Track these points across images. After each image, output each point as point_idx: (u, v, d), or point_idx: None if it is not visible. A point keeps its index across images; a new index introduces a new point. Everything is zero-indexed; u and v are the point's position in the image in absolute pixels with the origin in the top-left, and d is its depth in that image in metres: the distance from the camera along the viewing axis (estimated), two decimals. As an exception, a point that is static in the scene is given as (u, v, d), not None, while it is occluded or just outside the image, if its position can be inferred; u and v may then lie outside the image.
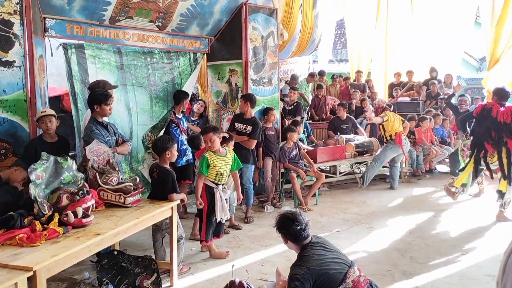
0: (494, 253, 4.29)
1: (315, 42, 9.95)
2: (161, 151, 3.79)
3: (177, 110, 5.50)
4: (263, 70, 6.36)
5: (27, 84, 4.02)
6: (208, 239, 4.29)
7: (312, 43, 9.68)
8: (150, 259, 3.54)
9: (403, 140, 6.91)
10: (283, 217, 2.92)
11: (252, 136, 5.49)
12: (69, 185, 3.02)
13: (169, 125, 5.40)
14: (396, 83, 10.88)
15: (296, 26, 8.80)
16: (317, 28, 9.52)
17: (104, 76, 5.20)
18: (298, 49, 9.55)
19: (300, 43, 9.31)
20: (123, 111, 5.60)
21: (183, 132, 5.45)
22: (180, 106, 5.53)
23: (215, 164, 4.17)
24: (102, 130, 3.81)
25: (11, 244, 2.50)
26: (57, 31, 4.66)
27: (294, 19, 8.66)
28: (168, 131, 5.41)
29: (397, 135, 6.96)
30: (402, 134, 6.96)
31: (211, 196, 4.23)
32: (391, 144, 7.03)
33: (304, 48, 9.65)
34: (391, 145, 7.04)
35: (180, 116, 5.46)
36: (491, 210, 5.76)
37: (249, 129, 5.52)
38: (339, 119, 7.98)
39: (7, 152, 4.00)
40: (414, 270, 4.03)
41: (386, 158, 7.20)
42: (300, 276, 2.66)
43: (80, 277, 3.84)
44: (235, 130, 5.60)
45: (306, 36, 9.29)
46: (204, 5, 5.68)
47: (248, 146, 5.49)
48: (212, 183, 4.23)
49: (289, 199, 6.68)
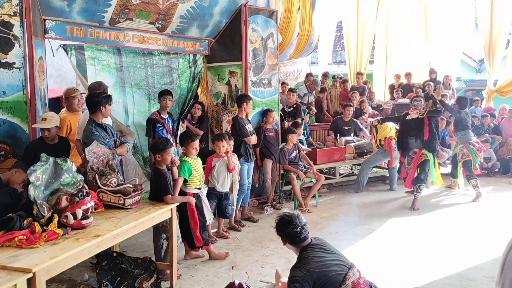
0: (493, 254, 4.30)
1: (313, 44, 9.99)
2: (153, 153, 3.84)
3: (161, 110, 5.30)
4: (263, 71, 6.37)
5: (27, 86, 4.03)
6: (208, 241, 4.29)
7: (309, 45, 9.71)
8: (150, 261, 3.53)
9: (393, 145, 6.94)
10: (280, 220, 2.93)
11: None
12: (68, 186, 3.01)
13: (155, 125, 5.20)
14: (396, 84, 10.89)
15: (295, 30, 8.83)
16: (314, 31, 9.55)
17: (102, 78, 5.21)
18: (295, 52, 9.58)
19: (297, 45, 9.34)
20: (121, 112, 5.61)
21: (169, 132, 5.34)
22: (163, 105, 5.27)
23: (196, 169, 4.15)
24: (101, 131, 3.79)
25: (10, 246, 2.49)
26: (57, 33, 4.67)
27: (293, 23, 8.69)
28: (153, 131, 5.21)
29: (386, 140, 6.99)
30: (393, 139, 6.98)
31: (199, 201, 4.19)
32: (382, 149, 7.10)
33: (301, 50, 9.68)
34: (381, 150, 7.11)
35: (165, 116, 5.29)
36: (490, 211, 5.77)
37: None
38: (343, 119, 7.92)
39: (7, 153, 4.00)
40: (414, 271, 4.03)
41: (376, 162, 7.31)
42: (299, 278, 2.66)
43: (79, 279, 3.83)
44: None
45: (304, 39, 9.31)
46: (204, 7, 5.69)
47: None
48: (196, 189, 4.19)
49: (288, 201, 6.68)
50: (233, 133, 5.46)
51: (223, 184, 4.78)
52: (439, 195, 7.05)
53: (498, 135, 9.34)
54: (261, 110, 6.28)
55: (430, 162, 6.10)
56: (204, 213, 4.23)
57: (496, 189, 7.53)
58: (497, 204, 6.49)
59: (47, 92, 4.87)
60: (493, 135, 9.17)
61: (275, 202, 6.39)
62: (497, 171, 8.83)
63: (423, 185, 6.19)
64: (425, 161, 6.14)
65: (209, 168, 4.76)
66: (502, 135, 9.35)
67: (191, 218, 4.15)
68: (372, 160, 7.23)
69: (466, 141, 6.68)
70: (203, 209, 4.22)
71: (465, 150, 6.73)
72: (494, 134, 9.25)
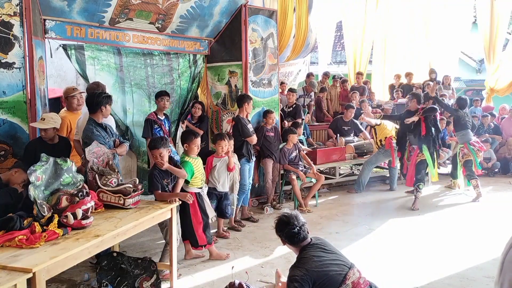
0: (493, 254, 4.30)
1: (310, 46, 10.00)
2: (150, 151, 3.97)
3: (159, 111, 5.27)
4: (263, 71, 6.37)
5: (27, 86, 4.03)
6: (210, 240, 4.30)
7: (306, 47, 9.72)
8: (150, 261, 3.53)
9: (394, 145, 6.95)
10: (279, 220, 2.95)
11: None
12: (68, 186, 3.01)
13: (152, 126, 5.17)
14: (396, 85, 10.88)
15: (291, 31, 8.83)
16: (311, 33, 9.56)
17: (102, 77, 5.21)
18: (292, 53, 9.59)
19: (294, 47, 9.36)
20: (119, 112, 5.60)
21: (166, 134, 5.31)
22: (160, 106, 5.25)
23: (198, 168, 4.18)
24: (101, 131, 3.80)
25: (10, 246, 2.49)
26: (57, 33, 4.67)
27: (289, 24, 8.68)
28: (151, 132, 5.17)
29: (387, 140, 7.00)
30: (393, 138, 6.99)
31: (201, 200, 4.22)
32: (383, 149, 7.11)
33: (298, 52, 9.70)
34: (382, 150, 7.12)
35: (162, 117, 5.26)
36: (490, 211, 5.77)
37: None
38: (343, 120, 7.94)
39: (7, 153, 4.00)
40: (414, 271, 4.03)
41: (377, 162, 7.34)
42: (299, 277, 2.66)
43: (79, 279, 3.83)
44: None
45: (300, 40, 9.33)
46: (204, 7, 5.68)
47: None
48: (198, 189, 4.21)
49: (289, 201, 6.68)
50: (235, 133, 5.46)
51: (223, 184, 4.79)
52: (439, 195, 7.05)
53: (498, 135, 9.34)
54: (261, 110, 6.28)
55: (428, 161, 6.13)
56: (206, 212, 4.24)
57: (496, 189, 7.53)
58: (497, 204, 6.49)
59: (47, 92, 4.87)
60: (493, 135, 9.18)
61: (275, 202, 6.39)
62: (497, 171, 8.83)
63: (422, 184, 6.25)
64: (422, 161, 6.18)
65: (209, 168, 4.77)
66: (502, 135, 9.35)
67: (193, 217, 4.18)
68: (373, 161, 7.23)
69: (466, 141, 6.69)
70: (205, 208, 4.23)
71: (465, 150, 6.74)
72: (494, 134, 9.25)
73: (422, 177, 6.28)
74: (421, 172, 6.26)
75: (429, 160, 6.14)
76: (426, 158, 6.14)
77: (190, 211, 4.15)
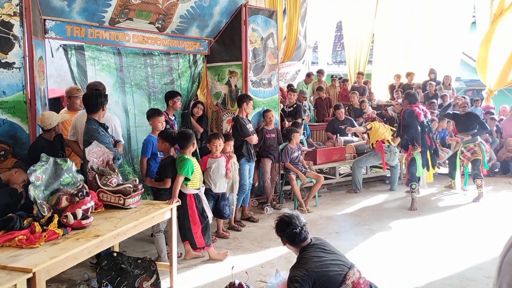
0: (493, 254, 4.29)
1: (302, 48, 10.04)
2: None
3: (169, 111, 5.25)
4: (263, 71, 6.37)
5: (27, 86, 4.02)
6: (209, 242, 4.29)
7: (298, 49, 9.77)
8: (150, 261, 3.53)
9: (385, 148, 6.95)
10: (280, 220, 2.94)
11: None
12: (68, 186, 3.02)
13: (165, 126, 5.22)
14: (396, 85, 10.88)
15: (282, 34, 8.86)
16: (301, 37, 9.61)
17: (102, 78, 5.20)
18: (284, 56, 9.61)
19: (286, 50, 9.40)
20: (120, 113, 5.57)
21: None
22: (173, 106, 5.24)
23: (197, 167, 4.17)
24: (105, 131, 3.79)
25: (10, 246, 2.49)
26: (57, 33, 4.66)
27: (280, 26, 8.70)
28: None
29: (377, 144, 7.02)
30: (386, 141, 7.00)
31: (198, 201, 4.20)
32: (373, 151, 7.15)
33: (290, 55, 9.73)
34: (373, 153, 7.16)
35: (172, 118, 5.25)
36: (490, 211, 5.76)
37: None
38: (338, 120, 8.00)
39: (7, 153, 4.00)
40: (414, 271, 4.03)
41: (367, 163, 7.41)
42: (299, 278, 2.67)
43: (79, 279, 3.84)
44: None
45: (292, 43, 9.37)
46: (204, 7, 5.68)
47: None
48: (196, 189, 4.18)
49: (288, 201, 6.68)
50: (234, 133, 5.45)
51: (219, 186, 4.74)
52: (439, 195, 7.05)
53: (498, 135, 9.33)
54: (261, 110, 6.28)
55: (417, 160, 6.02)
56: (204, 214, 4.22)
57: (496, 189, 7.53)
58: (497, 204, 6.48)
59: (47, 92, 4.87)
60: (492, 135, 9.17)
61: (275, 202, 6.39)
62: (497, 171, 8.83)
63: (414, 184, 6.13)
64: (411, 160, 6.10)
65: (204, 169, 4.72)
66: (503, 135, 9.35)
67: (191, 220, 4.14)
68: (363, 161, 7.31)
69: (477, 139, 6.69)
70: (204, 209, 4.22)
71: (476, 148, 6.69)
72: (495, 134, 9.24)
73: (412, 176, 6.13)
74: (410, 172, 6.12)
75: (418, 160, 6.00)
76: (415, 157, 6.04)
77: (189, 213, 4.14)
